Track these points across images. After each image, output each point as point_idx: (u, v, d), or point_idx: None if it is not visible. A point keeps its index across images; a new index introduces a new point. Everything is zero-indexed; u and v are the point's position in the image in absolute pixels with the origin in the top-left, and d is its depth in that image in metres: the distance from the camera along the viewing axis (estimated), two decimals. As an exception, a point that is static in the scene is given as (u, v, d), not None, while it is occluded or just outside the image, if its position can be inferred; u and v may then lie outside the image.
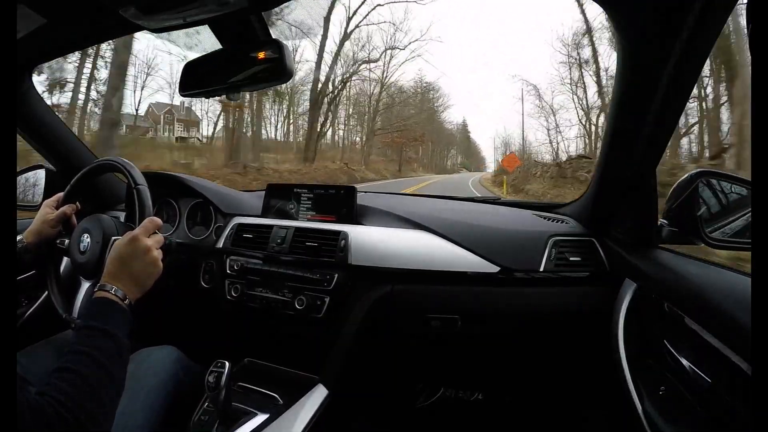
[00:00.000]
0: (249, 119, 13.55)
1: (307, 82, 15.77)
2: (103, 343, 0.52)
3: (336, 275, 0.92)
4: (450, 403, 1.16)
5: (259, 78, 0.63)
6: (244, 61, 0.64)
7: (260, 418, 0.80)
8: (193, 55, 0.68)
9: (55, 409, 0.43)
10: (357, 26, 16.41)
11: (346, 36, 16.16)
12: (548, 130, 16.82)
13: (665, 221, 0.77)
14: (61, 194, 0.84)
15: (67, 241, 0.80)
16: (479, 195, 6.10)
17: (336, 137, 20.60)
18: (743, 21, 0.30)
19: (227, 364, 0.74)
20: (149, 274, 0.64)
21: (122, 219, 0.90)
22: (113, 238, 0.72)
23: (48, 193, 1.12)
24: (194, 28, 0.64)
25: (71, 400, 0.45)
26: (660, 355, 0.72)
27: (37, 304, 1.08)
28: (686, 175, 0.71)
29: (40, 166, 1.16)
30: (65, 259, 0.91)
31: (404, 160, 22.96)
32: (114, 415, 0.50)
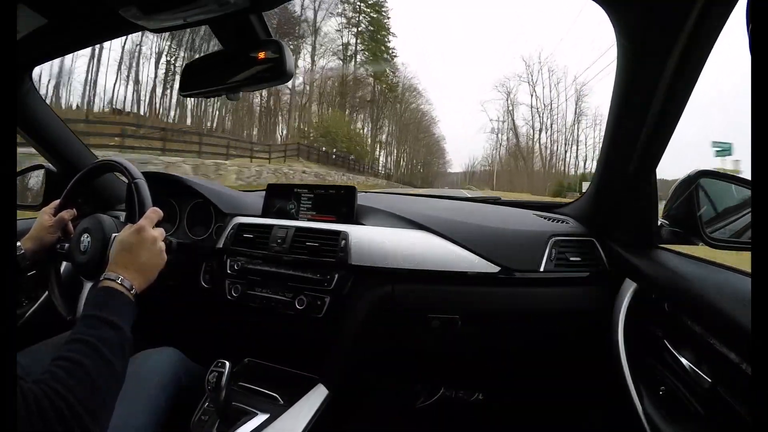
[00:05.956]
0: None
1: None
2: (106, 334, 0.50)
3: (336, 275, 0.92)
4: (450, 403, 1.16)
5: (259, 78, 0.64)
6: (244, 61, 0.64)
7: (260, 418, 0.80)
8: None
9: (51, 400, 0.41)
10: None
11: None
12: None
13: (665, 221, 0.77)
14: (57, 201, 0.84)
15: (67, 245, 0.80)
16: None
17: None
18: (743, 22, 0.30)
19: (227, 364, 0.74)
20: (155, 264, 0.64)
21: (122, 219, 0.90)
22: (113, 235, 0.72)
23: (48, 193, 1.12)
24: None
25: (69, 391, 0.42)
26: (660, 355, 0.72)
27: (37, 304, 1.08)
28: (686, 175, 0.71)
29: (40, 166, 1.16)
30: (65, 263, 0.91)
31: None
32: (113, 409, 0.48)
